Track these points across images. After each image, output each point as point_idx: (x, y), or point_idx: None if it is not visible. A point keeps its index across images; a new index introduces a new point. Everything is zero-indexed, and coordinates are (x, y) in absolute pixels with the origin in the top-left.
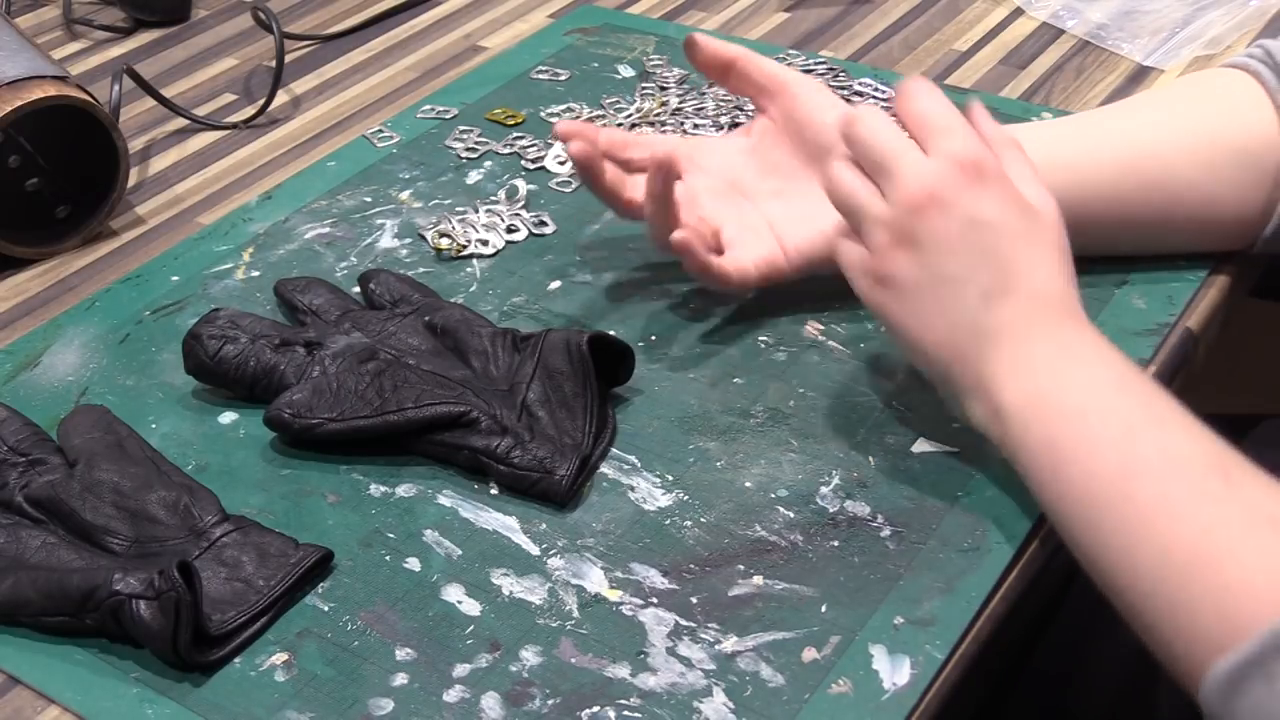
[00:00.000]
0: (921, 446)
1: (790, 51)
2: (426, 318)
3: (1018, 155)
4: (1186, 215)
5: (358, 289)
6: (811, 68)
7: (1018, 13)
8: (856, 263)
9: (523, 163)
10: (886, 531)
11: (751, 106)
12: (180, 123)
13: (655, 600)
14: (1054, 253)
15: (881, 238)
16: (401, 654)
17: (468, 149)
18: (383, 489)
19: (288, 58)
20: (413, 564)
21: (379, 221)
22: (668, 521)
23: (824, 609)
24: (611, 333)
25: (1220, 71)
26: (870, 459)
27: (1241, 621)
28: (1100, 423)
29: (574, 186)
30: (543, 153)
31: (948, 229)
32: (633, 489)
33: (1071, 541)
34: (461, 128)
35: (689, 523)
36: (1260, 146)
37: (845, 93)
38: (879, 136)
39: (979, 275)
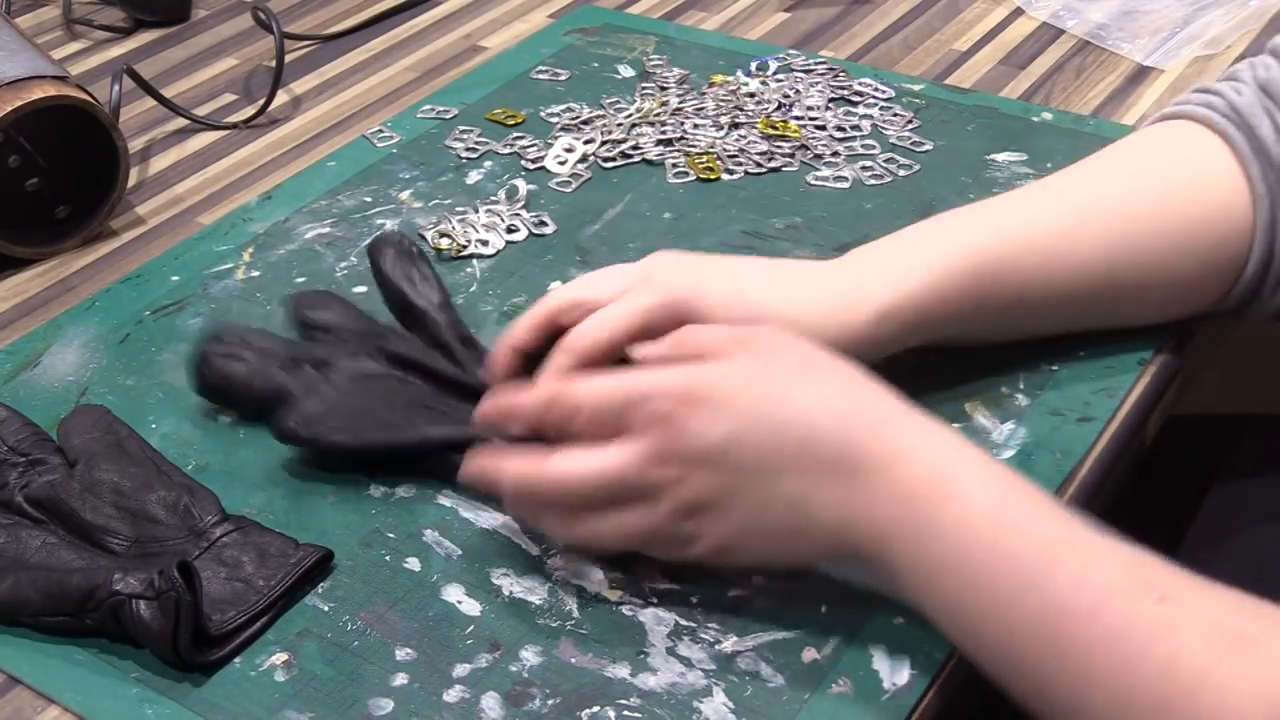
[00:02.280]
0: None
1: (790, 51)
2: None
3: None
4: (1155, 298)
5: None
6: (811, 67)
7: (1018, 13)
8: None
9: (523, 163)
10: None
11: (751, 106)
12: (180, 123)
13: (655, 600)
14: (821, 386)
15: (665, 511)
16: (401, 654)
17: (468, 149)
18: (383, 489)
19: (288, 58)
20: (413, 564)
21: (379, 221)
22: None
23: (824, 609)
24: None
25: (1192, 134)
26: None
27: None
28: (988, 588)
29: (574, 186)
30: (543, 153)
31: (706, 483)
32: None
33: (1013, 692)
34: (461, 128)
35: None
36: (1227, 223)
37: (845, 92)
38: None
39: (779, 490)
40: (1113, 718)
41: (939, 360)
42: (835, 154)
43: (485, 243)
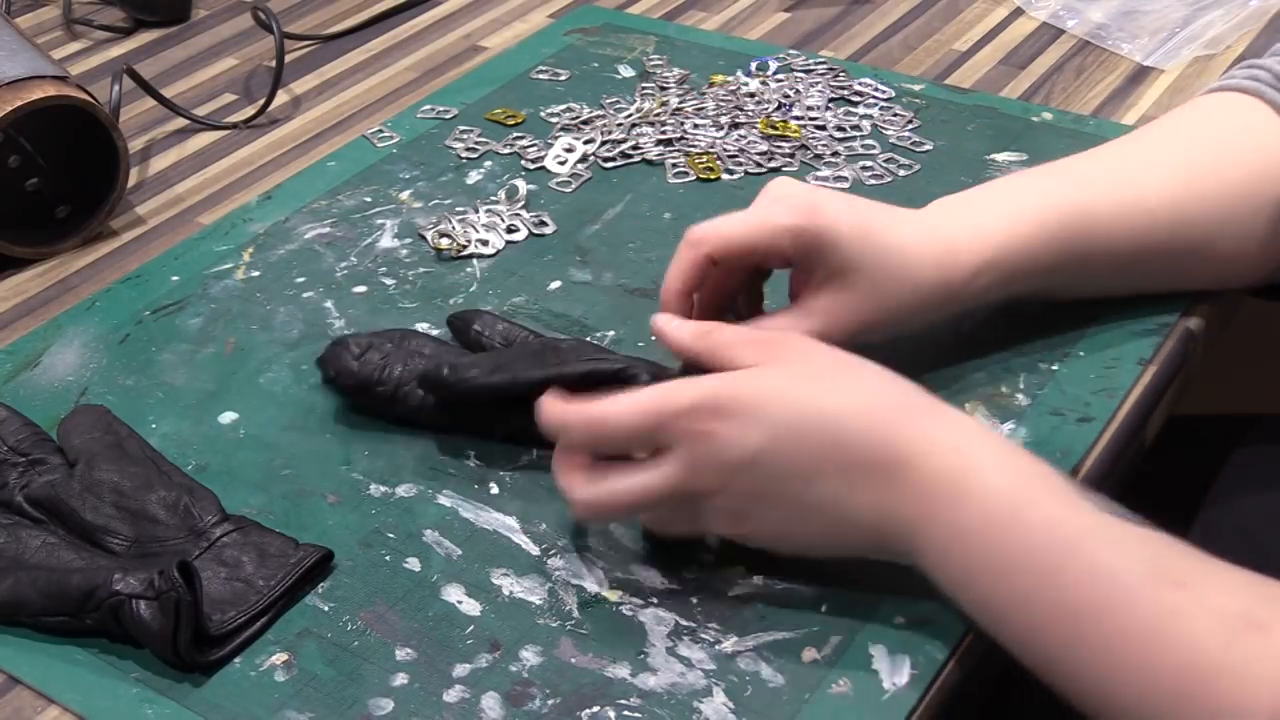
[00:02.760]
0: None
1: (790, 51)
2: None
3: (718, 337)
4: (1218, 254)
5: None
6: (811, 67)
7: (1018, 13)
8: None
9: (523, 163)
10: None
11: (751, 106)
12: (180, 123)
13: (655, 600)
14: (847, 400)
15: (712, 518)
16: (401, 654)
17: (468, 149)
18: (383, 489)
19: (288, 58)
20: (413, 564)
21: (379, 221)
22: None
23: (824, 609)
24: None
25: (1241, 102)
26: None
27: None
28: (1010, 582)
29: (574, 186)
30: (543, 153)
31: (745, 491)
32: None
33: (1041, 674)
34: (461, 128)
35: None
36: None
37: (845, 92)
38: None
39: (815, 492)
40: (1136, 705)
41: (939, 360)
42: (835, 154)
43: (485, 243)
